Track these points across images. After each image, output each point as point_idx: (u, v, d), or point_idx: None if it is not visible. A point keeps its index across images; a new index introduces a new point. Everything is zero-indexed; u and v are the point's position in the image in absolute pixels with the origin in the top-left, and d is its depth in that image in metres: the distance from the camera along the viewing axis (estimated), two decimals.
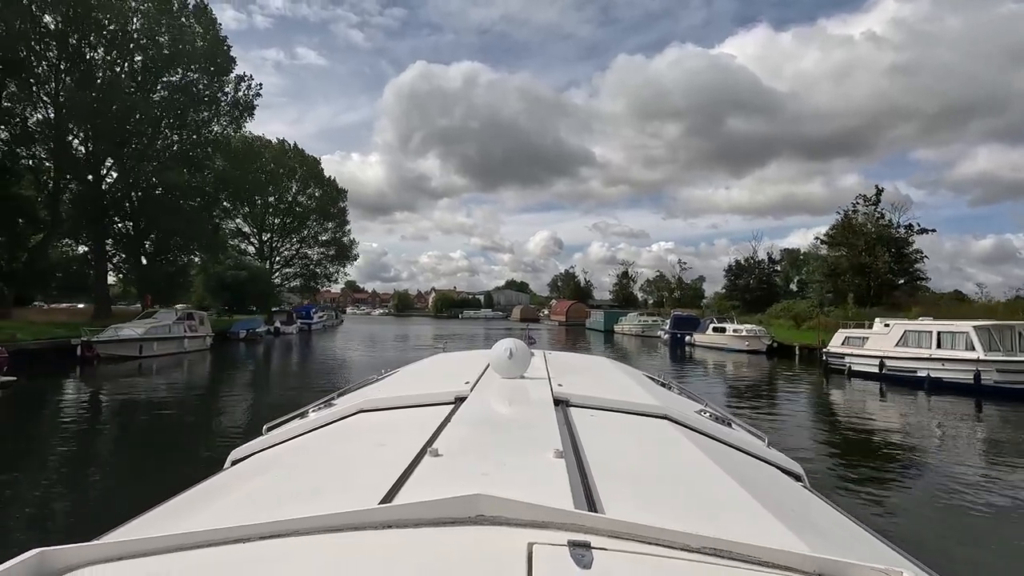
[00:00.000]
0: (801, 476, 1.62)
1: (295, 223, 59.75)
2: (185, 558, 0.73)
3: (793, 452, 1.93)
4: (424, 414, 1.59)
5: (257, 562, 0.72)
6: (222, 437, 9.13)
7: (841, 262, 33.32)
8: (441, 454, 1.13)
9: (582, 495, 0.95)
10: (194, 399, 13.14)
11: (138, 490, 5.94)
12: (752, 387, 16.89)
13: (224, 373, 18.21)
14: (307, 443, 1.58)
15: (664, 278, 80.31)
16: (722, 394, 15.19)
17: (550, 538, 0.70)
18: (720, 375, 20.37)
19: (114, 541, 0.78)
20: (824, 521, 1.22)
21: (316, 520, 0.76)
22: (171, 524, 1.05)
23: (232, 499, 1.16)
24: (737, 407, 12.47)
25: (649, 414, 1.68)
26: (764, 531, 0.89)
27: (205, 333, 23.13)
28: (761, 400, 14.44)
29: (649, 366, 21.84)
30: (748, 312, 42.00)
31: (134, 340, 18.59)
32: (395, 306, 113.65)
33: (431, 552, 0.70)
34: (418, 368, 2.83)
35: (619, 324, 45.51)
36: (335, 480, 1.17)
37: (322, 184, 60.97)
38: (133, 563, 0.73)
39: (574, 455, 1.17)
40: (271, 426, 1.91)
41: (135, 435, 9.75)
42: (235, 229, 57.36)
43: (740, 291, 44.09)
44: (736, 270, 45.72)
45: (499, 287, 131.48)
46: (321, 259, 63.12)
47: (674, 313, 36.06)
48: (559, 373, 2.13)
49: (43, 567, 0.71)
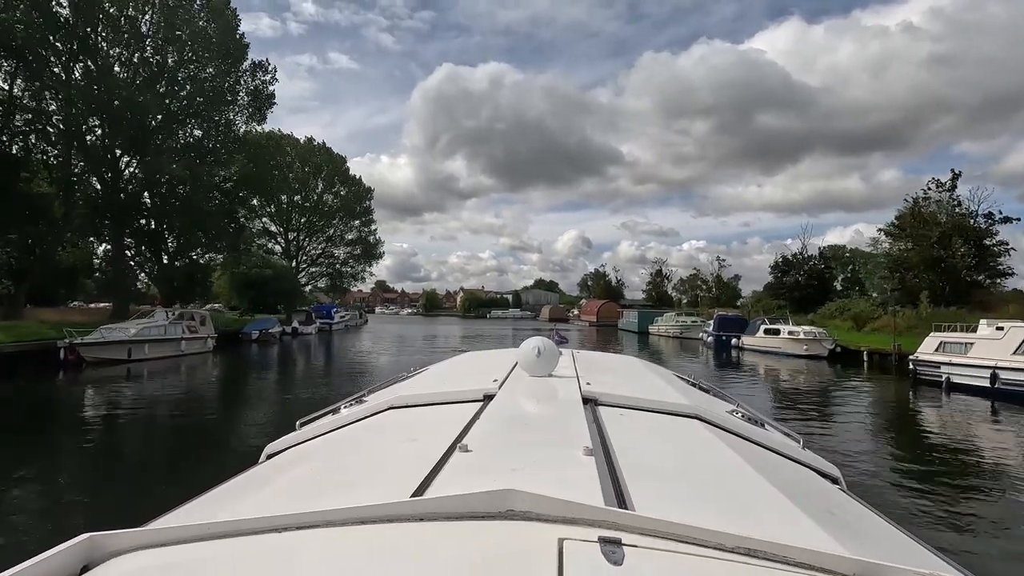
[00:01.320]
0: (838, 479, 1.58)
1: (321, 222, 59.38)
2: (225, 545, 0.75)
3: (885, 493, 0.95)
4: (453, 411, 1.60)
5: (294, 550, 0.74)
6: (193, 470, 7.04)
7: (910, 256, 29.43)
8: (471, 450, 1.14)
9: (612, 492, 0.94)
10: (177, 413, 11.59)
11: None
12: (818, 401, 14.17)
13: (221, 380, 16.74)
14: (339, 438, 1.61)
15: (698, 276, 76.63)
16: (780, 408, 12.66)
17: (581, 534, 0.70)
18: (775, 384, 17.62)
19: (158, 528, 0.81)
20: (862, 524, 1.18)
21: (351, 511, 0.78)
22: (211, 513, 1.08)
23: (269, 491, 1.20)
24: (805, 427, 10.09)
25: (680, 413, 1.65)
26: (799, 532, 0.87)
27: (207, 334, 21.65)
28: (833, 419, 11.79)
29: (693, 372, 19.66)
30: (796, 312, 38.44)
31: (122, 343, 17.19)
32: (423, 306, 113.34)
33: (462, 545, 0.71)
34: (447, 366, 2.82)
35: (655, 325, 42.60)
36: (367, 474, 1.20)
37: (348, 183, 60.41)
38: (176, 549, 0.76)
39: (604, 453, 1.17)
40: (304, 421, 1.91)
41: (86, 461, 8.13)
42: (262, 228, 57.66)
43: (788, 289, 40.16)
44: (783, 266, 41.77)
45: (528, 287, 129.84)
46: (347, 258, 62.79)
47: (718, 313, 32.88)
48: (587, 372, 2.10)
49: (92, 551, 0.75)
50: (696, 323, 37.10)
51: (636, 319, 46.30)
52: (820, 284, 39.62)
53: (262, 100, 34.63)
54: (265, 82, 34.10)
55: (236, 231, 37.41)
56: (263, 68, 33.44)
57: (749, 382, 18.19)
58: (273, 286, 42.57)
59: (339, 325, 41.79)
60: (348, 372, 18.90)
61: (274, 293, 41.97)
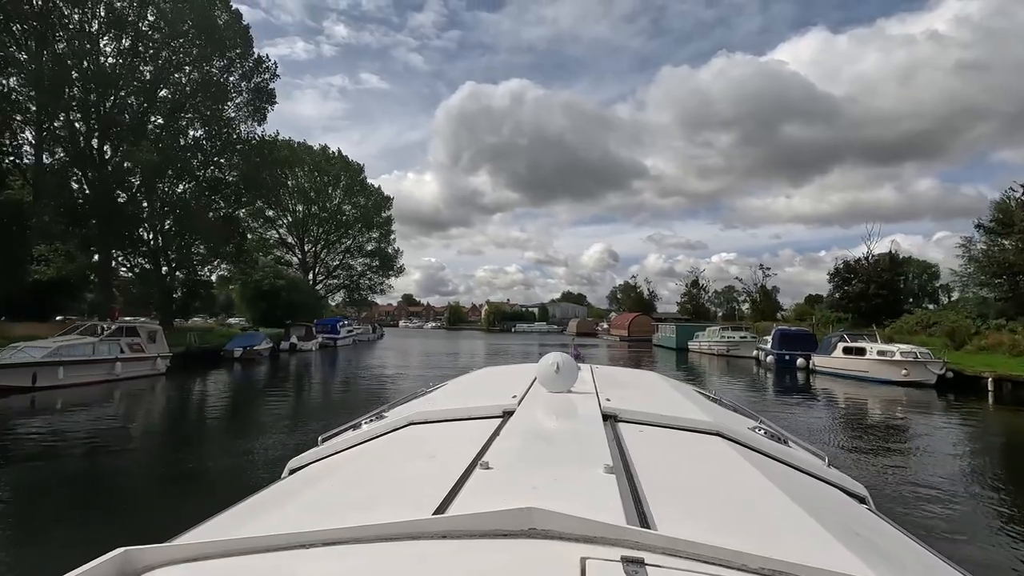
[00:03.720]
0: (866, 498, 1.53)
1: (338, 232, 57.29)
2: (254, 560, 0.77)
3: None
4: (473, 427, 1.60)
5: (320, 567, 0.76)
6: None
7: (1020, 258, 23.78)
8: (491, 467, 1.14)
9: (634, 511, 0.94)
10: (64, 467, 8.16)
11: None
12: (954, 457, 9.58)
13: (158, 416, 13.05)
14: (361, 453, 1.63)
15: (733, 289, 70.91)
16: (894, 470, 8.41)
17: (603, 553, 0.70)
18: (870, 423, 12.95)
19: (189, 543, 0.82)
20: (890, 545, 1.14)
21: (374, 528, 0.79)
22: (239, 527, 1.10)
23: (294, 506, 1.21)
24: (951, 508, 6.43)
25: (701, 430, 1.62)
26: (825, 553, 0.84)
27: (156, 353, 17.67)
28: (998, 492, 7.36)
29: (753, 401, 14.98)
30: (862, 326, 33.16)
31: (25, 366, 13.69)
32: (447, 319, 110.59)
33: (484, 563, 0.71)
34: (465, 381, 2.83)
35: (695, 340, 37.75)
36: (390, 490, 1.20)
37: (365, 192, 58.23)
38: (207, 564, 0.78)
39: (624, 471, 1.16)
40: (326, 437, 1.92)
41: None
42: (279, 239, 55.95)
43: (851, 299, 34.59)
44: (845, 273, 36.26)
45: (555, 300, 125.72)
46: (365, 270, 60.42)
47: (778, 328, 27.81)
48: (607, 387, 2.10)
49: (127, 565, 0.76)
50: (745, 338, 32.08)
51: (674, 334, 41.39)
52: (892, 294, 33.93)
53: (262, 98, 32.29)
54: (265, 79, 31.82)
55: (239, 239, 35.01)
56: (263, 65, 31.15)
57: (829, 417, 13.63)
58: (286, 298, 40.21)
59: (346, 340, 38.39)
60: (338, 405, 15.26)
61: (286, 305, 39.53)
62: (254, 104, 32.20)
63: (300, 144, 53.36)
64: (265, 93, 32.22)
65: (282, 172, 37.19)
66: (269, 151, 33.23)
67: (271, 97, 32.35)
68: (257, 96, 32.08)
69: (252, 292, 39.84)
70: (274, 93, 32.43)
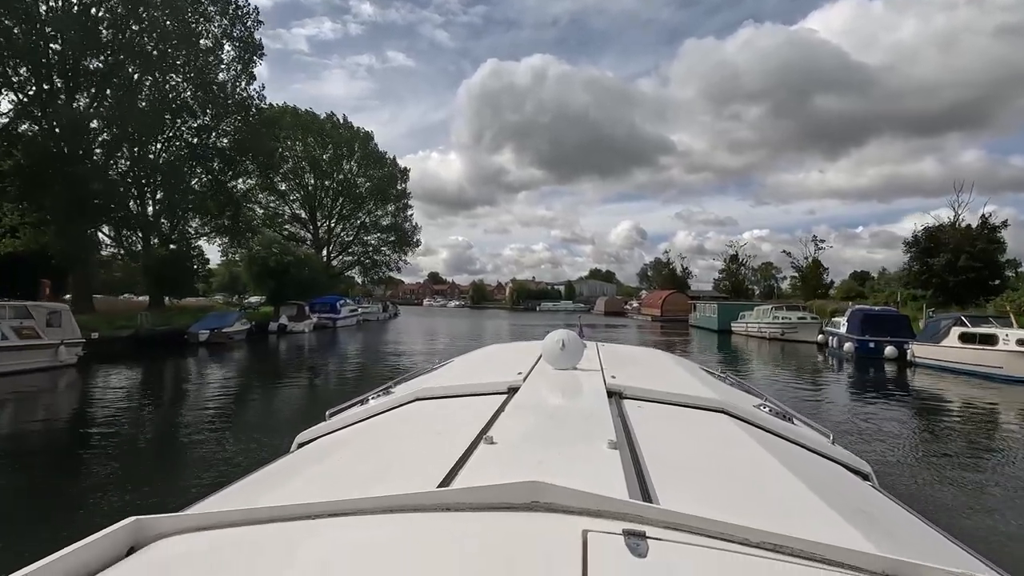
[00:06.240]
0: (869, 475, 1.53)
1: (351, 206, 54.23)
2: (262, 530, 0.79)
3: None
4: (478, 403, 1.61)
5: (326, 537, 0.77)
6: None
7: None
8: (496, 442, 1.15)
9: (637, 486, 0.95)
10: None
11: None
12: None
13: (27, 431, 8.94)
14: (367, 429, 1.64)
15: (772, 266, 64.78)
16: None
17: (605, 527, 0.71)
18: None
19: (199, 512, 0.85)
20: (894, 521, 1.15)
21: (379, 500, 0.81)
22: (248, 499, 1.10)
23: (301, 479, 1.24)
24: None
25: (706, 407, 1.63)
26: (827, 528, 0.85)
27: (59, 339, 13.93)
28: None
29: (834, 413, 10.87)
30: (949, 304, 27.82)
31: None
32: (471, 297, 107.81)
33: (488, 535, 0.72)
34: (471, 358, 2.82)
35: (740, 321, 33.08)
36: (395, 464, 1.22)
37: (380, 163, 54.68)
38: (217, 533, 0.80)
39: (628, 446, 1.17)
40: (333, 412, 1.93)
41: None
42: (292, 215, 53.38)
43: (937, 273, 28.95)
44: (926, 242, 30.53)
45: (582, 277, 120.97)
46: (380, 245, 57.41)
47: (857, 307, 22.80)
48: (612, 365, 2.10)
49: (138, 533, 0.79)
50: (805, 320, 27.24)
51: (715, 314, 36.64)
52: (987, 267, 28.15)
53: (249, 52, 28.74)
54: (248, 28, 28.18)
55: (234, 209, 32.10)
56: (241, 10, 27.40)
57: (983, 444, 9.30)
58: (295, 275, 37.58)
59: (348, 321, 35.08)
60: (299, 416, 11.10)
61: (295, 283, 36.91)
62: (241, 61, 28.80)
63: (306, 112, 50.09)
64: (251, 46, 28.67)
65: (277, 136, 33.80)
66: (258, 111, 29.83)
67: (258, 50, 28.80)
68: (244, 51, 28.61)
69: (259, 269, 37.38)
70: (261, 45, 28.87)
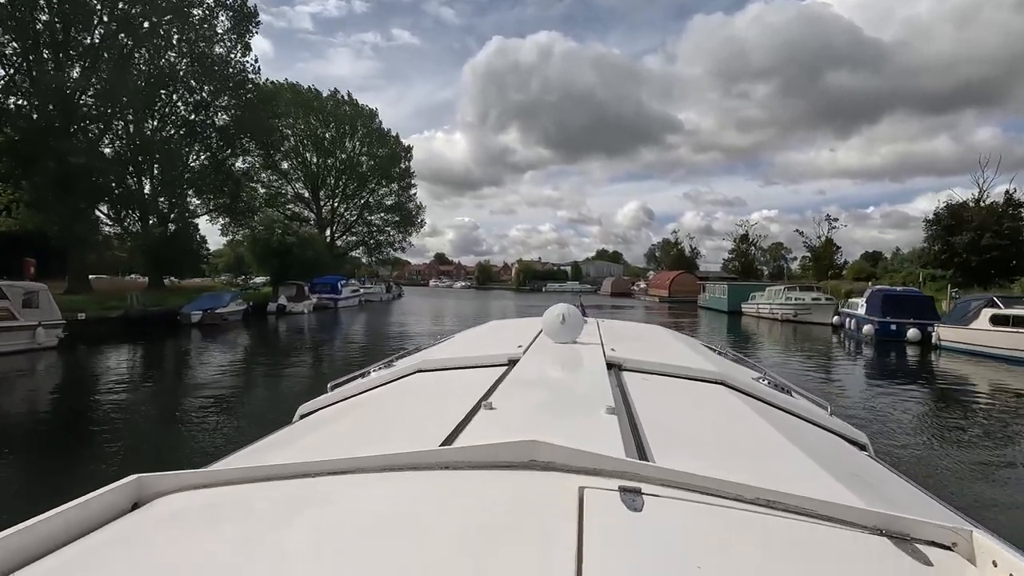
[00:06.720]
0: (866, 445, 1.55)
1: (355, 185, 53.33)
2: (262, 487, 0.81)
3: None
4: (479, 374, 1.61)
5: (327, 494, 0.78)
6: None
7: None
8: (495, 408, 1.17)
9: (634, 448, 0.96)
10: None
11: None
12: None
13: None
14: (370, 399, 1.66)
15: (782, 246, 63.45)
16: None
17: (601, 484, 0.72)
18: None
19: (201, 471, 0.87)
20: (886, 486, 1.16)
21: (379, 459, 0.82)
22: (248, 463, 1.09)
23: (302, 444, 1.26)
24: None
25: (705, 379, 1.64)
26: (821, 489, 0.85)
27: (38, 321, 13.18)
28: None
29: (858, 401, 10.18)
30: (971, 285, 26.80)
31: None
32: (477, 278, 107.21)
33: (486, 492, 0.74)
34: (473, 333, 2.87)
35: (751, 303, 32.23)
36: (396, 430, 1.24)
37: (382, 141, 53.51)
38: (218, 490, 0.82)
39: (627, 413, 1.18)
40: (335, 384, 1.93)
41: None
42: (295, 194, 52.61)
43: (959, 253, 27.80)
44: (948, 220, 29.29)
45: (589, 258, 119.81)
46: (384, 225, 56.65)
47: (877, 288, 21.87)
48: (612, 339, 2.10)
49: (141, 489, 0.81)
50: (822, 301, 26.36)
51: (725, 295, 35.77)
52: (1014, 246, 26.90)
53: (243, 21, 27.60)
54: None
55: (233, 187, 31.39)
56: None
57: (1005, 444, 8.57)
58: (298, 255, 37.11)
59: (349, 302, 34.60)
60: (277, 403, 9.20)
61: (299, 263, 36.46)
62: (236, 31, 27.68)
63: (308, 89, 48.85)
64: (244, 15, 27.51)
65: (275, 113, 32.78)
66: (255, 86, 28.84)
67: (252, 18, 27.65)
68: (238, 21, 27.46)
69: (262, 249, 36.93)
70: (255, 12, 27.71)
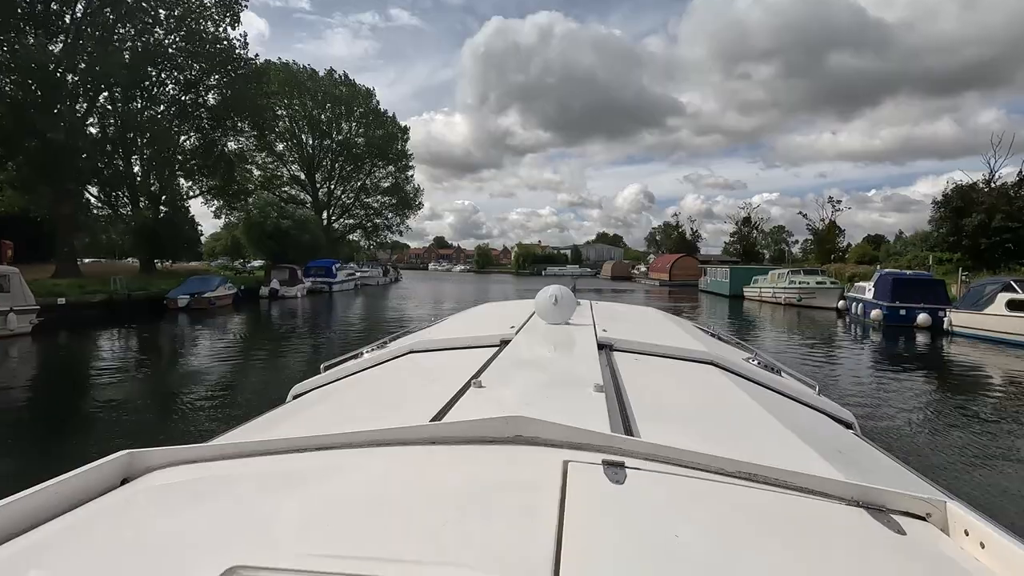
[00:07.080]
0: (852, 424, 1.57)
1: (351, 166, 52.36)
2: (252, 462, 0.82)
3: None
4: (470, 355, 1.62)
5: (315, 469, 0.79)
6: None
7: None
8: (484, 386, 1.19)
9: (620, 424, 0.97)
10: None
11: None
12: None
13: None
14: (362, 379, 1.68)
15: (783, 229, 62.82)
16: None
17: (585, 457, 0.74)
18: None
19: (191, 446, 0.87)
20: (870, 461, 1.17)
21: (368, 435, 0.83)
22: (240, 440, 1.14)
23: (294, 422, 1.28)
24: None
25: (694, 359, 1.66)
26: (803, 463, 0.87)
27: (8, 306, 12.39)
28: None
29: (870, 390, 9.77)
30: (980, 269, 26.33)
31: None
32: (476, 262, 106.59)
33: (472, 466, 0.76)
34: (466, 315, 2.89)
35: (753, 286, 31.77)
36: (388, 407, 1.27)
37: (380, 122, 52.34)
38: (208, 465, 0.83)
39: (615, 391, 1.19)
40: (328, 365, 1.93)
41: None
42: (291, 176, 51.65)
43: (969, 235, 27.21)
44: (957, 202, 28.59)
45: (589, 241, 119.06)
46: (381, 208, 55.84)
47: (885, 271, 21.36)
48: (604, 320, 2.11)
49: (131, 465, 0.82)
50: (824, 284, 25.88)
51: (727, 278, 35.24)
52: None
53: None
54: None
55: (225, 168, 30.60)
56: None
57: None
58: (295, 238, 36.54)
59: (344, 285, 34.08)
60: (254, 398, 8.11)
61: (295, 246, 35.92)
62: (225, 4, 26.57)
63: (304, 68, 47.55)
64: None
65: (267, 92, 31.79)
66: (245, 63, 27.85)
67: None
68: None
69: (257, 232, 36.33)
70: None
